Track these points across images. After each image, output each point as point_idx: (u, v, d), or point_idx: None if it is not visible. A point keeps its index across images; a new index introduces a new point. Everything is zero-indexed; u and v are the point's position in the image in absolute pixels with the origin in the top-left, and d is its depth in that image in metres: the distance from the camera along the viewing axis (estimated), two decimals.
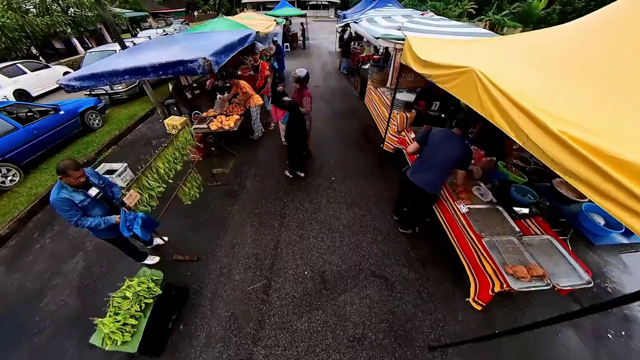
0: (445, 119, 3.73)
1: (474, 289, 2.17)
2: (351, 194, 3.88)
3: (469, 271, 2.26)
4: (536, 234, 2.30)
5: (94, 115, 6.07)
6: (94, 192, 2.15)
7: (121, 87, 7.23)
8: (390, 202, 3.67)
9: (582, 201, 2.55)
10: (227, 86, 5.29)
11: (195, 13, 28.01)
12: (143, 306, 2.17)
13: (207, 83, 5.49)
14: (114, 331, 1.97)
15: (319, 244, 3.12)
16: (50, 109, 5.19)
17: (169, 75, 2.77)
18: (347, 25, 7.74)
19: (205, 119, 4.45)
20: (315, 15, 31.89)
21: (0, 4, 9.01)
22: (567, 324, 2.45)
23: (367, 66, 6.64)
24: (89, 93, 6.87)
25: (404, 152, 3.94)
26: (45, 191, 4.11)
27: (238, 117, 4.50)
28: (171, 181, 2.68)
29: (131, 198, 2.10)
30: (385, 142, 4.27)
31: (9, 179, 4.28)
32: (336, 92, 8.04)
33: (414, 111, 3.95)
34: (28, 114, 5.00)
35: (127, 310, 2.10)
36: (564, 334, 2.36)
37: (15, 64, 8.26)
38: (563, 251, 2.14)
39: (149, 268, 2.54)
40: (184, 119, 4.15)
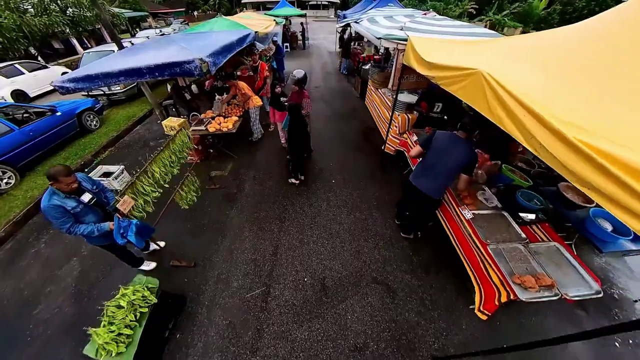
0: (448, 120, 3.66)
1: (479, 299, 2.10)
2: (352, 197, 3.81)
3: (473, 279, 2.20)
4: (543, 240, 2.23)
5: (92, 117, 6.01)
6: (87, 198, 2.09)
7: (119, 88, 7.16)
8: (391, 205, 3.60)
9: (588, 206, 2.47)
10: (226, 87, 5.22)
11: (195, 13, 27.87)
12: (138, 315, 2.11)
13: (206, 84, 5.43)
14: (108, 342, 1.91)
15: (319, 249, 3.05)
16: (47, 110, 5.13)
17: (165, 77, 2.70)
18: (348, 25, 7.67)
19: (203, 120, 4.38)
20: (315, 15, 31.80)
21: None
22: (572, 330, 2.37)
23: (367, 66, 6.58)
24: (86, 94, 6.79)
25: (405, 154, 3.88)
26: (41, 194, 4.05)
27: (237, 118, 4.44)
28: (167, 186, 2.61)
29: (125, 204, 2.03)
30: (386, 144, 4.20)
31: (4, 181, 4.23)
32: (336, 92, 7.96)
33: (415, 113, 3.89)
34: (24, 116, 4.93)
35: (121, 319, 2.04)
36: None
37: (13, 64, 8.19)
38: (571, 259, 2.08)
39: (144, 275, 2.49)
40: (182, 120, 4.08)
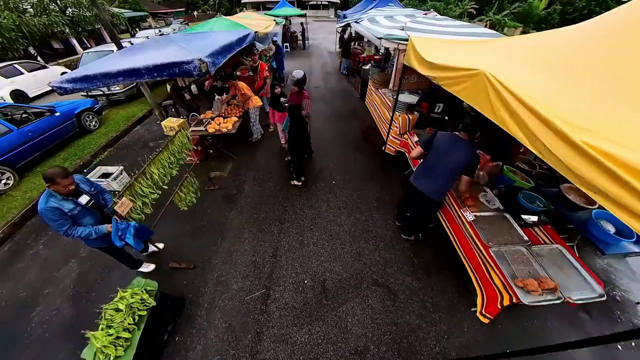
0: (449, 121, 3.64)
1: (481, 302, 2.07)
2: (352, 198, 3.79)
3: (475, 282, 2.17)
4: (545, 243, 2.21)
5: (91, 117, 5.98)
6: (84, 200, 2.06)
7: (118, 88, 7.14)
8: (392, 207, 3.58)
9: (591, 208, 2.45)
10: (226, 87, 5.20)
11: (194, 13, 27.82)
12: (137, 318, 2.09)
13: (205, 84, 5.40)
14: (106, 345, 1.89)
15: (319, 251, 3.03)
16: (46, 110, 5.11)
17: (164, 77, 2.67)
18: (348, 25, 7.65)
19: (202, 121, 4.36)
20: (315, 15, 31.76)
21: None
22: (575, 333, 2.38)
23: (367, 67, 6.56)
24: (85, 94, 6.77)
25: (406, 155, 3.85)
26: (39, 195, 4.01)
27: (236, 119, 4.41)
28: (166, 187, 2.59)
29: (123, 206, 2.01)
30: (387, 144, 4.18)
31: (3, 182, 4.21)
32: (336, 92, 7.94)
33: (416, 113, 3.86)
34: (23, 116, 4.91)
35: (120, 323, 2.02)
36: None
37: (12, 64, 8.17)
38: (574, 261, 2.05)
39: (143, 277, 2.47)
40: (181, 120, 4.06)
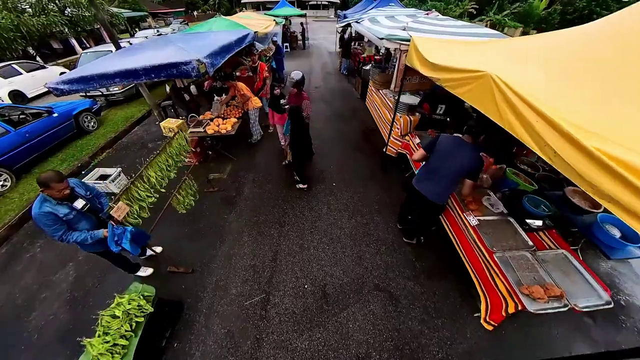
0: (451, 122, 3.59)
1: (485, 308, 2.03)
2: (353, 200, 3.74)
3: (479, 288, 2.13)
4: (550, 248, 2.17)
5: (89, 118, 5.94)
6: (80, 204, 2.02)
7: (117, 89, 7.09)
8: (393, 209, 3.53)
9: (596, 211, 2.41)
10: (225, 87, 5.15)
11: (194, 13, 27.76)
12: (134, 325, 2.05)
13: (204, 84, 5.36)
14: (103, 352, 1.85)
15: (319, 255, 2.98)
16: (44, 111, 5.07)
17: (162, 79, 2.63)
18: (348, 25, 7.60)
19: (201, 122, 4.31)
20: (315, 15, 31.72)
21: None
22: (580, 338, 2.34)
23: (368, 67, 6.52)
24: (84, 94, 6.73)
25: (407, 156, 3.81)
26: (37, 197, 3.99)
27: (235, 120, 4.37)
28: (164, 190, 2.54)
29: (119, 211, 1.97)
30: (388, 146, 4.13)
31: (0, 184, 4.16)
32: (336, 93, 7.89)
33: (417, 114, 3.82)
34: (20, 117, 4.87)
35: (116, 330, 1.98)
36: (576, 350, 2.24)
37: (11, 64, 8.12)
38: (580, 267, 2.01)
39: (141, 282, 2.43)
40: (180, 121, 4.01)
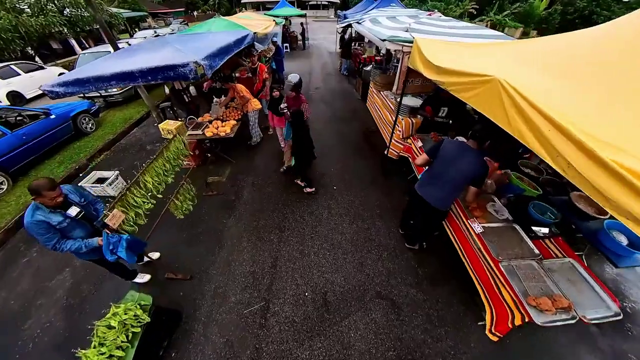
0: (453, 125, 3.54)
1: (490, 319, 1.98)
2: (354, 205, 3.68)
3: (484, 298, 2.07)
4: (556, 256, 2.11)
5: (87, 119, 5.88)
6: (74, 211, 1.96)
7: (116, 90, 7.03)
8: (394, 213, 3.48)
9: (602, 218, 2.35)
10: (225, 88, 5.09)
11: (194, 13, 27.70)
12: (130, 336, 1.99)
13: (204, 85, 5.30)
14: None
15: (320, 261, 2.93)
16: (41, 113, 5.01)
17: (159, 81, 2.57)
18: (348, 25, 7.54)
19: (200, 124, 4.26)
20: (315, 15, 31.63)
21: None
22: (587, 348, 2.28)
23: (369, 68, 6.46)
24: (82, 96, 6.67)
25: (408, 159, 3.75)
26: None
27: (235, 122, 4.31)
28: (161, 196, 2.49)
29: (114, 219, 1.91)
30: (389, 148, 4.08)
31: None
32: (337, 94, 7.84)
33: (419, 117, 3.76)
34: (17, 119, 4.81)
35: (112, 341, 1.92)
36: (582, 358, 2.20)
37: (9, 65, 8.05)
38: (587, 277, 1.96)
39: (138, 289, 2.39)
40: (179, 123, 3.95)
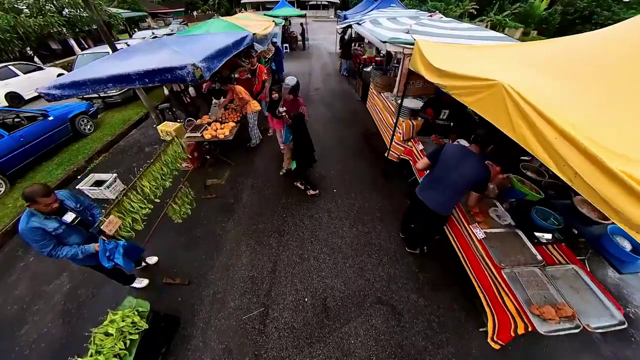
0: (454, 128, 3.50)
1: (492, 327, 1.95)
2: (354, 208, 3.65)
3: (486, 305, 2.04)
4: (559, 262, 2.08)
5: (86, 121, 5.84)
6: (69, 217, 1.93)
7: (114, 91, 7.00)
8: (395, 217, 3.45)
9: (605, 223, 2.32)
10: (224, 89, 5.06)
11: (194, 13, 27.66)
12: (128, 343, 1.97)
13: (203, 86, 5.26)
14: None
15: (320, 265, 2.89)
16: (39, 114, 4.98)
17: (156, 84, 2.54)
18: (349, 26, 7.50)
19: (199, 126, 4.22)
20: (315, 16, 31.57)
21: None
22: (590, 355, 2.25)
23: (369, 69, 6.43)
24: (81, 97, 6.63)
25: (410, 163, 3.72)
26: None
27: (234, 124, 4.27)
28: (158, 200, 2.46)
29: (111, 225, 1.88)
30: (390, 151, 4.04)
31: None
32: (337, 95, 7.81)
33: (420, 119, 3.73)
34: (15, 120, 4.78)
35: (110, 348, 1.89)
36: None
37: (7, 66, 8.02)
38: (591, 284, 1.93)
39: (136, 294, 2.36)
40: (177, 125, 3.93)
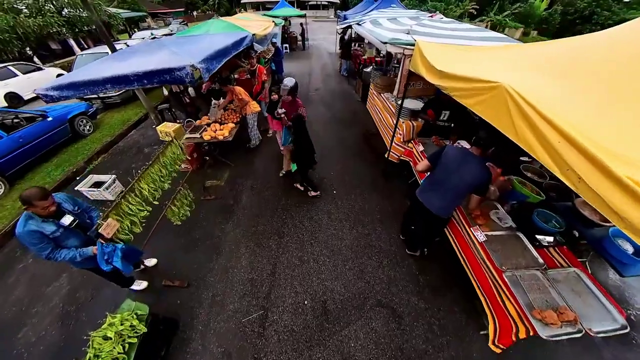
0: (454, 129, 3.49)
1: (493, 330, 1.93)
2: (354, 209, 3.63)
3: (487, 309, 2.03)
4: (561, 265, 2.07)
5: (85, 121, 5.83)
6: (67, 220, 1.91)
7: (114, 91, 6.98)
8: (395, 218, 3.43)
9: (607, 225, 2.31)
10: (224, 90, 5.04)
11: (194, 13, 27.66)
12: (127, 347, 1.96)
13: (202, 86, 5.25)
14: None
15: (319, 268, 2.88)
16: (38, 115, 4.96)
17: (155, 85, 2.53)
18: (349, 26, 7.48)
19: (198, 127, 4.21)
20: (315, 16, 31.55)
21: None
22: (590, 357, 2.24)
23: (369, 69, 6.41)
24: (80, 97, 6.61)
25: (410, 164, 3.71)
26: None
27: (233, 125, 4.25)
28: (157, 202, 2.44)
29: (109, 228, 1.86)
30: (390, 152, 4.03)
31: None
32: (337, 95, 7.79)
33: (421, 120, 3.72)
34: (14, 121, 4.77)
35: (108, 352, 1.89)
36: None
37: (6, 66, 8.01)
38: (593, 287, 1.91)
39: (134, 298, 2.34)
40: (177, 126, 3.92)
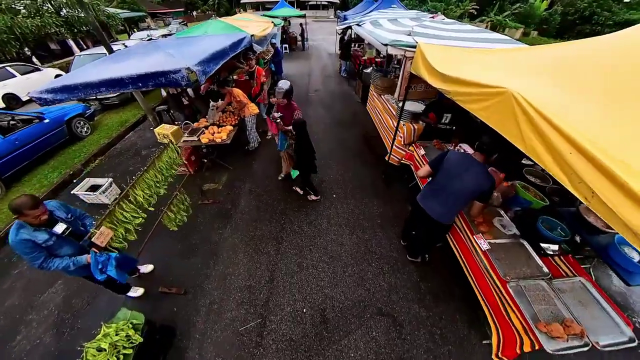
0: (456, 132, 3.43)
1: (496, 342, 1.88)
2: (354, 214, 3.57)
3: (490, 319, 1.97)
4: (566, 274, 2.02)
5: (82, 123, 5.78)
6: (60, 228, 1.86)
7: (110, 93, 6.93)
8: (396, 223, 3.38)
9: (612, 232, 2.25)
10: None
11: (194, 13, 27.62)
12: (122, 358, 1.91)
13: (201, 88, 5.19)
14: None
15: (319, 274, 2.82)
16: (34, 117, 4.91)
17: (150, 88, 2.47)
18: (349, 27, 7.42)
19: (196, 130, 4.15)
20: (315, 16, 31.53)
21: None
22: None
23: (369, 70, 6.35)
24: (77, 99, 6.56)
25: (411, 167, 3.65)
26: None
27: (231, 128, 4.20)
28: (152, 209, 2.39)
29: (102, 237, 1.81)
30: (390, 154, 3.97)
31: None
32: (336, 96, 7.74)
33: (422, 123, 3.66)
34: (10, 123, 4.72)
35: None
36: None
37: (4, 67, 7.96)
38: (599, 297, 1.86)
39: (130, 305, 2.30)
40: (175, 128, 3.86)
